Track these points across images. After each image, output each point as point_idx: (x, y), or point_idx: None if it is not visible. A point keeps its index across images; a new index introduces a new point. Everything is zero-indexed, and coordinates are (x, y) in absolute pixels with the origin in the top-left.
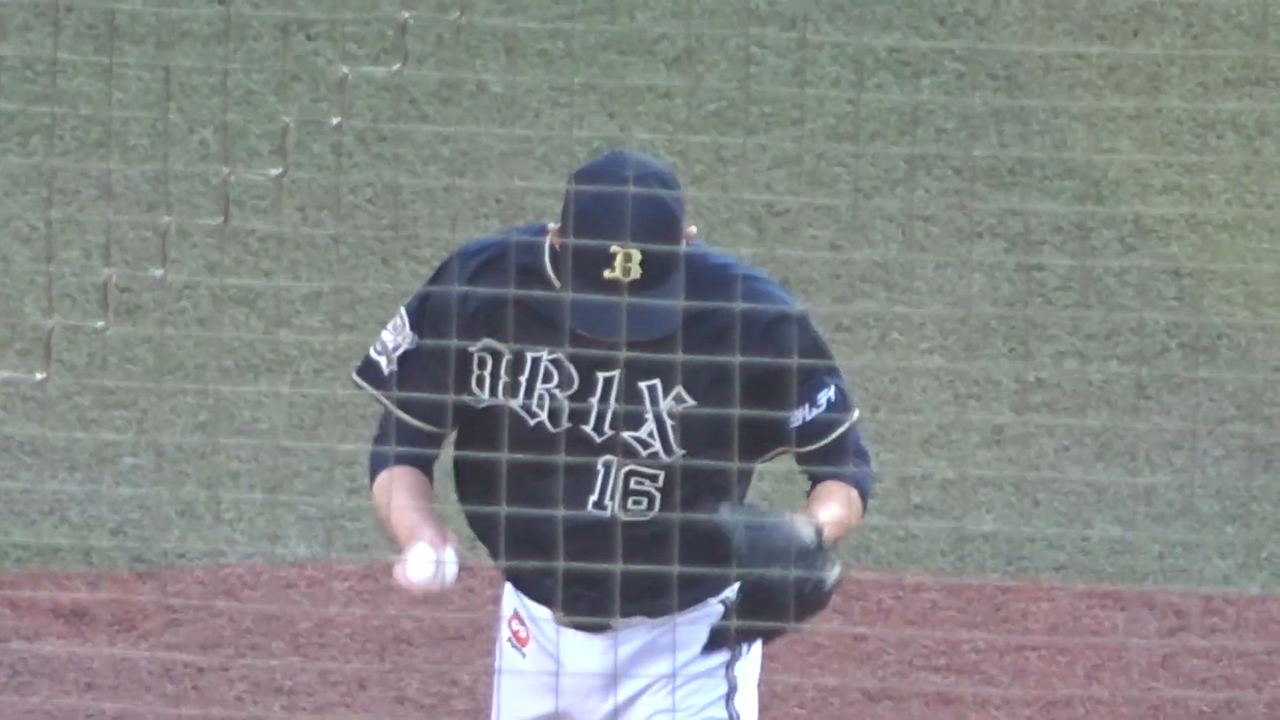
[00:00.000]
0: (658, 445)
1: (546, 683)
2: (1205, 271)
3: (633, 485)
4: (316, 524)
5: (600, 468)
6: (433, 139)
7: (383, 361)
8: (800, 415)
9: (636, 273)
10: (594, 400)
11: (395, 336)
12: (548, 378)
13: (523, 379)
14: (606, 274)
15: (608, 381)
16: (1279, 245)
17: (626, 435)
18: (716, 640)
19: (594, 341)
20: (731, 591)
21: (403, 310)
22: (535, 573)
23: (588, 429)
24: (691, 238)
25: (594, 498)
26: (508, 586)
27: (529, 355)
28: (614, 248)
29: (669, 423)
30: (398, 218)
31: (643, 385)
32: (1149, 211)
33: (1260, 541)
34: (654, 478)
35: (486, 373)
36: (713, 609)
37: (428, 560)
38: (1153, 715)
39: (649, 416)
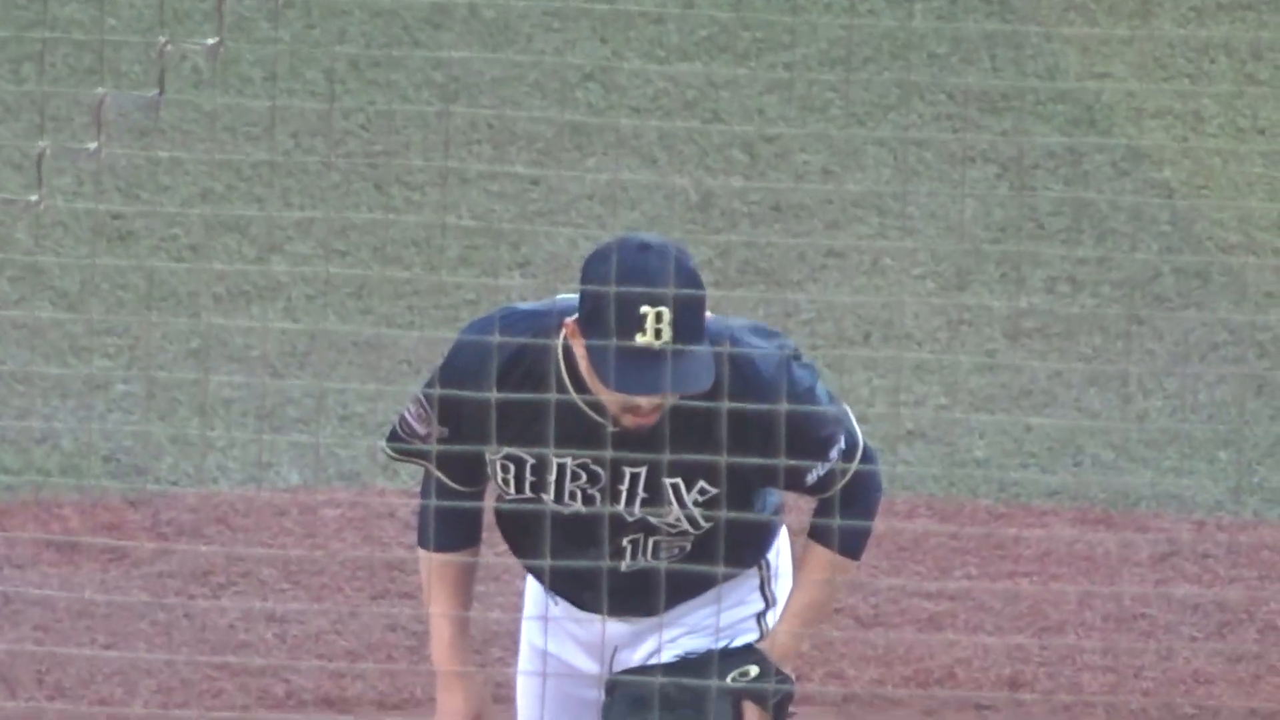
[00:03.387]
0: (686, 526)
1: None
2: (1198, 197)
3: (663, 547)
4: (308, 452)
5: (627, 544)
6: (424, 64)
7: (415, 440)
8: (814, 474)
9: (668, 334)
10: (623, 489)
11: (421, 426)
12: (575, 477)
13: (550, 479)
14: (639, 339)
15: (634, 477)
16: (1272, 170)
17: (656, 521)
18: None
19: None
20: (772, 555)
21: (422, 396)
22: (576, 589)
23: (620, 510)
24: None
25: (626, 561)
26: None
27: (554, 461)
28: (643, 309)
29: (696, 512)
30: (390, 143)
31: (667, 481)
32: (1142, 138)
33: (1252, 467)
34: (683, 535)
35: (511, 476)
36: (749, 571)
37: None
38: (1144, 641)
39: (675, 509)
